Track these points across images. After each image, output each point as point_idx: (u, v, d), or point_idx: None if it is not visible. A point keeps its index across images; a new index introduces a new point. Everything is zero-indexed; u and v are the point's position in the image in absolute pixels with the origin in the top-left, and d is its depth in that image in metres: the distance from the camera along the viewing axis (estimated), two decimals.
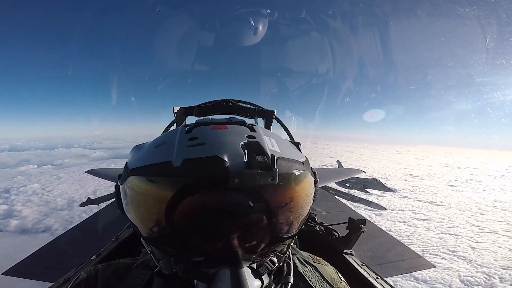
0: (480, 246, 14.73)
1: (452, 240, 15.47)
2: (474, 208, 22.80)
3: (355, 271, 1.42)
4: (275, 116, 1.23)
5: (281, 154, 0.53)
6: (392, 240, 3.54)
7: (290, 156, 0.55)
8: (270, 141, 0.56)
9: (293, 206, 0.53)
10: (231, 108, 1.37)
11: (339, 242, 1.68)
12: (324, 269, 0.79)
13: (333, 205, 4.84)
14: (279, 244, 0.58)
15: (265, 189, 0.49)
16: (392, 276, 2.74)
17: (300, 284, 0.72)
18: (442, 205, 23.27)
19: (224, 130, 0.57)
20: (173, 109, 1.25)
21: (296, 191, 0.53)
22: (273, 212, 0.51)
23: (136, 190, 0.52)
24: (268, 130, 0.65)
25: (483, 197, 27.65)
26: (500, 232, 16.90)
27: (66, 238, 3.29)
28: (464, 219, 19.52)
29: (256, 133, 0.57)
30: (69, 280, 1.21)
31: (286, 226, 0.55)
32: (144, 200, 0.51)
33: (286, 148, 0.58)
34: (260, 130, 0.60)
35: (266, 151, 0.52)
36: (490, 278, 11.70)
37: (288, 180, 0.52)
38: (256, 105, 1.67)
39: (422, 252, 13.49)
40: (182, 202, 0.47)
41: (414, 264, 2.98)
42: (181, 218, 0.48)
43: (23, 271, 2.72)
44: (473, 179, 41.28)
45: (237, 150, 0.50)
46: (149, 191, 0.50)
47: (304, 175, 0.55)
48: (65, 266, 2.23)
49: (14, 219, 19.44)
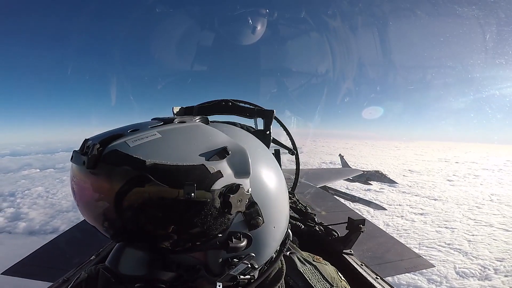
0: (476, 239, 15.09)
1: (448, 234, 15.86)
2: (471, 202, 23.15)
3: (355, 271, 1.43)
4: (274, 116, 1.22)
5: (133, 151, 0.48)
6: (391, 240, 3.62)
7: (153, 157, 0.48)
8: (143, 138, 0.51)
9: (106, 204, 0.49)
10: (230, 108, 1.35)
11: (339, 242, 1.69)
12: (324, 268, 0.79)
13: (332, 205, 4.97)
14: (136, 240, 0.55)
15: (78, 170, 0.52)
16: (392, 276, 2.85)
17: (299, 283, 0.73)
18: (439, 200, 23.65)
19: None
20: (173, 109, 1.23)
21: (111, 188, 0.48)
22: (82, 197, 0.53)
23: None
24: (178, 131, 0.57)
25: (480, 191, 28.01)
26: (496, 225, 17.27)
27: (66, 238, 3.40)
28: (461, 213, 19.90)
29: (141, 131, 0.54)
30: (68, 280, 1.23)
31: (106, 222, 0.52)
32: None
33: (167, 150, 0.51)
34: (162, 128, 0.55)
35: (101, 140, 0.50)
36: (485, 269, 12.02)
37: (101, 170, 0.48)
38: (256, 105, 1.66)
39: (418, 246, 13.95)
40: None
41: (413, 264, 3.04)
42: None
43: (23, 271, 2.78)
44: (471, 173, 41.68)
45: (93, 137, 0.55)
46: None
47: (137, 179, 0.47)
48: (64, 266, 2.26)
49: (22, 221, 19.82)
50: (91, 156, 0.48)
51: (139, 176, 0.47)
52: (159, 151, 0.50)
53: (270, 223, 0.61)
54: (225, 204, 0.52)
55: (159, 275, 0.54)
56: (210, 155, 0.53)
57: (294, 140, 2.35)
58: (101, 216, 0.52)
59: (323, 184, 8.39)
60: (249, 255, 0.59)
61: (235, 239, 0.56)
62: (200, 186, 0.49)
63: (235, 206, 0.53)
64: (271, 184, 0.63)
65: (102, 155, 0.49)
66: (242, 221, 0.57)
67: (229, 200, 0.51)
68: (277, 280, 0.70)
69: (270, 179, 0.63)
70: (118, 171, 0.48)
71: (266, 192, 0.61)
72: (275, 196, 0.63)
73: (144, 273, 0.53)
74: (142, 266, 0.53)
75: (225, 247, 0.55)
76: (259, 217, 0.58)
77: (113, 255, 0.54)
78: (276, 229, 0.64)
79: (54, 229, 18.48)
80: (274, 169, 0.67)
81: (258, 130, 1.16)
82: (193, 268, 0.57)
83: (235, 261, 0.58)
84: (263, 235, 0.61)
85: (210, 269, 0.58)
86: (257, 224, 0.58)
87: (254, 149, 0.64)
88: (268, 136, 1.15)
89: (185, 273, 0.57)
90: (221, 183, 0.52)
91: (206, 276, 0.58)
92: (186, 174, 0.48)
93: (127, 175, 0.47)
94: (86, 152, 0.50)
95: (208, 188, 0.50)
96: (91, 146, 0.49)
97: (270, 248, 0.65)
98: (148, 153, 0.49)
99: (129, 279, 0.53)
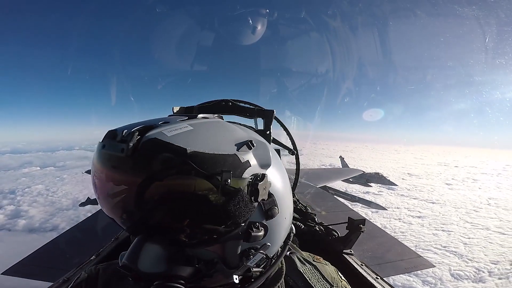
0: (471, 242, 15.21)
1: (445, 236, 15.98)
2: (468, 205, 23.29)
3: (355, 271, 1.42)
4: (274, 116, 1.22)
5: (171, 140, 0.51)
6: (391, 240, 3.63)
7: (189, 145, 0.51)
8: (177, 129, 0.54)
9: (151, 190, 0.50)
10: (230, 108, 1.36)
11: (339, 242, 1.69)
12: (324, 268, 0.80)
13: (332, 205, 4.96)
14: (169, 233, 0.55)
15: (114, 159, 0.52)
16: (392, 276, 2.87)
17: (299, 283, 0.74)
18: (437, 203, 23.78)
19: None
20: (173, 109, 1.23)
21: (151, 176, 0.50)
22: (114, 187, 0.53)
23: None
24: (207, 124, 0.62)
25: (478, 195, 28.14)
26: (492, 229, 17.40)
27: (66, 238, 3.38)
28: (458, 216, 20.03)
29: (172, 123, 0.56)
30: (69, 280, 1.22)
31: (139, 212, 0.53)
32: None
33: (204, 141, 0.54)
34: (191, 122, 0.59)
35: (137, 128, 0.52)
36: (479, 272, 12.14)
37: (142, 158, 0.50)
38: (256, 105, 1.66)
39: (415, 248, 14.00)
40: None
41: (414, 264, 3.04)
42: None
43: (23, 271, 2.77)
44: (469, 177, 41.83)
45: (123, 128, 0.55)
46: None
47: (179, 166, 0.50)
48: (65, 266, 2.27)
49: (21, 219, 19.96)
50: (132, 144, 0.49)
51: (182, 164, 0.50)
52: (195, 141, 0.53)
53: (282, 214, 0.64)
54: (252, 192, 0.55)
55: (178, 271, 0.53)
56: (240, 146, 0.57)
57: (294, 140, 2.32)
58: (135, 206, 0.52)
59: (323, 184, 8.45)
60: (265, 244, 0.62)
61: (255, 228, 0.58)
62: (234, 174, 0.52)
63: (262, 193, 0.56)
64: (282, 178, 0.67)
65: (141, 143, 0.50)
66: (260, 211, 0.59)
67: (257, 188, 0.55)
68: (277, 280, 0.71)
69: (280, 174, 0.67)
70: (160, 158, 0.50)
71: (278, 185, 0.64)
72: (285, 189, 0.67)
73: (163, 270, 0.52)
74: (162, 262, 0.53)
75: (247, 237, 0.57)
76: (275, 207, 0.61)
77: (131, 252, 0.52)
78: (286, 220, 0.68)
79: (54, 227, 18.63)
80: (281, 166, 0.71)
81: (259, 130, 1.17)
82: (211, 261, 0.58)
83: (252, 251, 0.60)
84: (277, 225, 0.64)
85: (227, 262, 0.59)
86: (273, 214, 0.60)
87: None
88: (268, 136, 1.17)
89: (203, 267, 0.57)
90: (249, 172, 0.56)
91: (222, 270, 0.58)
92: (223, 162, 0.52)
93: (169, 162, 0.50)
94: (124, 140, 0.50)
95: (240, 176, 0.54)
96: (130, 134, 0.50)
97: (280, 239, 0.68)
98: (185, 142, 0.51)
99: (148, 277, 0.52)
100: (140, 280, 0.53)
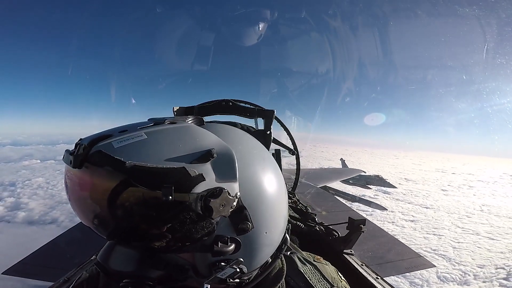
0: (461, 246, 15.49)
1: (435, 240, 16.27)
2: (462, 211, 23.59)
3: (355, 271, 1.42)
4: (275, 116, 1.20)
5: (116, 152, 0.50)
6: (392, 240, 3.67)
7: (138, 158, 0.49)
8: (130, 139, 0.52)
9: (91, 203, 0.51)
10: (231, 108, 1.34)
11: (339, 242, 1.69)
12: (324, 268, 0.79)
13: (333, 205, 5.03)
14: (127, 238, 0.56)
15: (67, 169, 0.55)
16: (392, 275, 2.93)
17: (300, 283, 0.73)
18: (431, 208, 24.08)
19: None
20: (173, 108, 1.23)
21: (94, 188, 0.51)
22: (72, 194, 0.55)
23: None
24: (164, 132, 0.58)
25: (472, 201, 28.39)
26: (482, 234, 17.68)
27: (66, 238, 3.38)
28: (450, 221, 20.31)
29: (129, 132, 0.55)
30: (69, 280, 1.23)
31: (95, 220, 0.53)
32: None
33: (154, 152, 0.52)
34: (148, 130, 0.56)
35: (90, 141, 0.52)
36: (465, 275, 12.42)
37: (88, 170, 0.50)
38: (256, 105, 1.64)
39: None
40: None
41: (414, 263, 3.07)
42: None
43: (23, 270, 2.76)
44: (466, 184, 42.10)
45: (84, 138, 0.56)
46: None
47: (118, 180, 0.48)
48: (65, 266, 2.25)
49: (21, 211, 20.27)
50: (77, 156, 0.50)
51: (121, 177, 0.48)
52: (141, 153, 0.50)
53: (262, 228, 0.60)
54: (206, 208, 0.51)
55: (147, 272, 0.55)
56: (193, 157, 0.52)
57: (294, 140, 2.34)
58: (89, 214, 0.53)
59: (323, 184, 8.45)
60: (237, 260, 0.58)
61: (222, 243, 0.55)
62: (180, 189, 0.48)
63: (217, 210, 0.51)
64: (266, 188, 0.62)
65: (88, 155, 0.50)
66: (230, 225, 0.56)
67: (209, 205, 0.50)
68: (277, 280, 0.70)
69: (264, 183, 0.62)
70: (100, 172, 0.49)
71: (258, 197, 0.60)
72: (270, 200, 0.62)
73: (132, 270, 0.54)
74: (131, 263, 0.54)
75: (210, 250, 0.55)
76: (247, 222, 0.56)
77: (104, 251, 0.56)
78: (268, 235, 0.62)
79: (53, 219, 18.93)
80: (271, 172, 0.66)
81: (259, 130, 1.17)
82: (181, 268, 0.57)
83: (222, 264, 0.57)
84: (253, 240, 0.59)
85: (198, 271, 0.58)
86: (246, 229, 0.57)
87: (247, 151, 0.64)
88: (268, 136, 1.15)
89: (173, 272, 0.57)
90: (202, 187, 0.51)
91: (193, 277, 0.58)
92: (165, 177, 0.48)
93: (108, 176, 0.48)
94: (74, 152, 0.52)
95: (187, 191, 0.49)
96: (79, 146, 0.52)
97: (262, 253, 0.63)
98: (131, 154, 0.49)
99: (118, 275, 0.54)
100: (110, 278, 0.56)
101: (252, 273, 0.66)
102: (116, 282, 0.54)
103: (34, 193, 24.96)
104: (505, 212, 24.30)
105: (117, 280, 0.54)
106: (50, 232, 18.32)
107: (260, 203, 0.60)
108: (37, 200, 22.88)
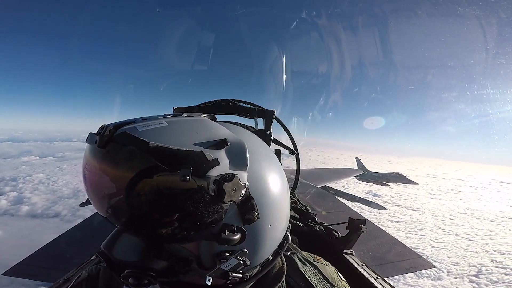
0: (439, 246, 16.59)
1: (416, 239, 17.36)
2: (446, 214, 24.80)
3: (355, 271, 1.42)
4: (275, 116, 1.22)
5: (140, 134, 0.53)
6: (392, 240, 3.68)
7: (163, 142, 0.52)
8: (152, 125, 0.56)
9: (110, 183, 0.54)
10: (231, 108, 1.35)
11: (339, 242, 1.68)
12: (324, 268, 0.80)
13: (333, 205, 4.98)
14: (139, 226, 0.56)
15: (90, 150, 0.57)
16: (392, 276, 2.89)
17: (300, 283, 0.74)
18: (417, 211, 25.23)
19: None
20: (173, 108, 1.24)
21: (116, 167, 0.53)
22: (91, 176, 0.57)
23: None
24: (183, 123, 0.62)
25: (457, 205, 29.70)
26: (461, 235, 18.83)
27: (67, 238, 3.33)
28: (433, 223, 21.46)
29: (150, 119, 0.58)
30: (69, 280, 1.24)
31: (111, 203, 0.56)
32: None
33: (175, 136, 0.56)
34: (173, 119, 0.61)
35: (115, 125, 0.55)
36: (439, 272, 13.46)
37: (112, 150, 0.53)
38: (256, 105, 1.64)
39: None
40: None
41: (414, 264, 3.09)
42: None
43: (23, 271, 2.74)
44: (454, 189, 43.64)
45: (108, 124, 0.57)
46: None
47: (140, 159, 0.52)
48: (65, 266, 2.25)
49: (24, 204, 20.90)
50: (102, 136, 0.53)
51: (143, 157, 0.51)
52: (163, 137, 0.54)
53: (266, 221, 0.61)
54: (218, 191, 0.52)
55: (150, 263, 0.55)
56: (210, 144, 0.56)
57: (294, 140, 2.36)
58: (106, 196, 0.55)
59: (323, 184, 8.57)
60: (242, 250, 0.59)
61: (228, 232, 0.56)
62: (197, 171, 0.51)
63: (229, 194, 0.53)
64: (271, 183, 0.64)
65: (113, 136, 0.53)
66: (237, 215, 0.58)
67: (222, 188, 0.52)
68: (278, 280, 0.71)
69: (269, 178, 0.64)
70: (124, 151, 0.53)
71: (265, 190, 0.62)
72: (274, 195, 0.64)
73: (136, 260, 0.54)
74: (136, 253, 0.54)
75: (217, 238, 0.56)
76: (254, 212, 0.58)
77: (109, 240, 0.56)
78: (272, 228, 0.63)
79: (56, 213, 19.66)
80: (275, 170, 0.68)
81: (259, 130, 1.17)
82: (185, 259, 0.58)
83: (227, 255, 0.57)
84: (258, 232, 0.61)
85: (201, 262, 0.59)
86: (252, 218, 0.58)
87: (255, 147, 0.67)
88: (268, 136, 1.16)
89: (176, 263, 0.58)
90: (217, 171, 0.54)
91: (197, 269, 0.58)
92: (184, 158, 0.51)
93: (132, 155, 0.52)
94: (99, 133, 0.55)
95: (204, 174, 0.52)
96: (105, 128, 0.55)
97: (265, 247, 0.64)
98: (153, 137, 0.53)
99: (121, 265, 0.54)
100: (113, 268, 0.55)
101: (253, 270, 0.67)
102: (118, 272, 0.54)
103: (36, 188, 25.59)
104: (486, 215, 25.66)
105: (119, 270, 0.54)
106: (54, 225, 18.98)
107: (266, 197, 0.62)
108: (39, 195, 23.49)
